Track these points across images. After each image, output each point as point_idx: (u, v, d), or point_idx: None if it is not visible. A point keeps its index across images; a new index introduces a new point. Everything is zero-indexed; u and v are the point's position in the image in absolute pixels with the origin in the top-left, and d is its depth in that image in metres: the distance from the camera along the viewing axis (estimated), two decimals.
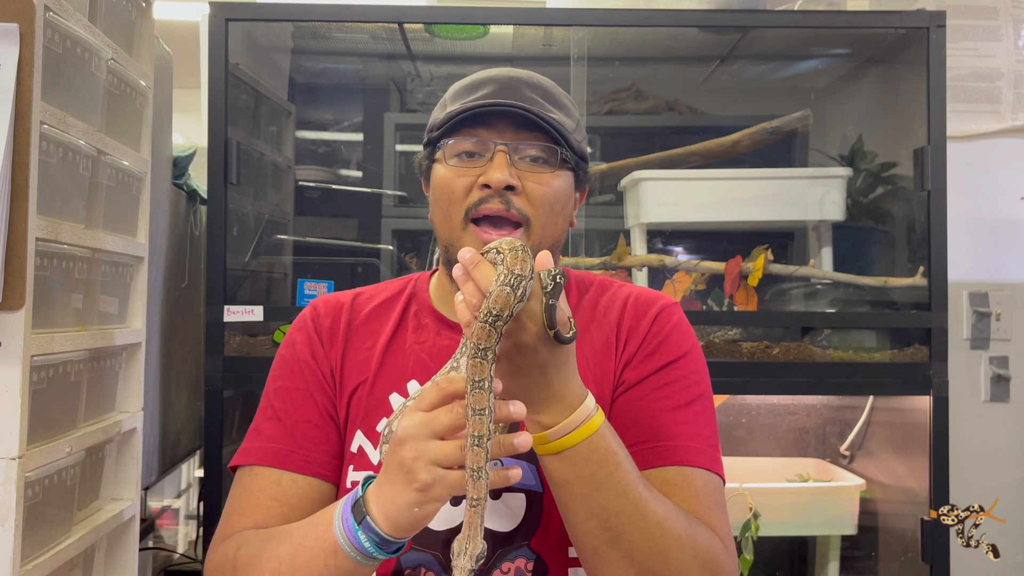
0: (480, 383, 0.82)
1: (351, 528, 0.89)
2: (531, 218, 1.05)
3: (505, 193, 1.04)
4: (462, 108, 1.05)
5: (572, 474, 0.91)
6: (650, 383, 1.06)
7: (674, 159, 2.23)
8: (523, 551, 1.04)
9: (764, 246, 2.08)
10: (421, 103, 2.53)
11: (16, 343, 1.19)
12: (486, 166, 1.05)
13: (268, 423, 1.11)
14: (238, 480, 1.11)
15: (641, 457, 1.00)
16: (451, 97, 1.12)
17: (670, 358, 1.08)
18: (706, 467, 1.03)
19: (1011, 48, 2.30)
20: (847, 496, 2.10)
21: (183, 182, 2.12)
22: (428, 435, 0.85)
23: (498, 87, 1.08)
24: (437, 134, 1.09)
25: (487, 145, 1.05)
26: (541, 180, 1.06)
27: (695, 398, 1.07)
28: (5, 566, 1.17)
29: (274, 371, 1.16)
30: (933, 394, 1.93)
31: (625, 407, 1.06)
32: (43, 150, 1.25)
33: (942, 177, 1.96)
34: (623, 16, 2.07)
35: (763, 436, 2.38)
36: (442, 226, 1.09)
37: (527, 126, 1.06)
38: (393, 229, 2.34)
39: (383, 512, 0.87)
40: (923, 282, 1.97)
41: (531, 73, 1.12)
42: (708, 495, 1.01)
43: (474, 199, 1.05)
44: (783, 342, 2.00)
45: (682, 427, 1.04)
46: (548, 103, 1.08)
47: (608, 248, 2.18)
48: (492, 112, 1.05)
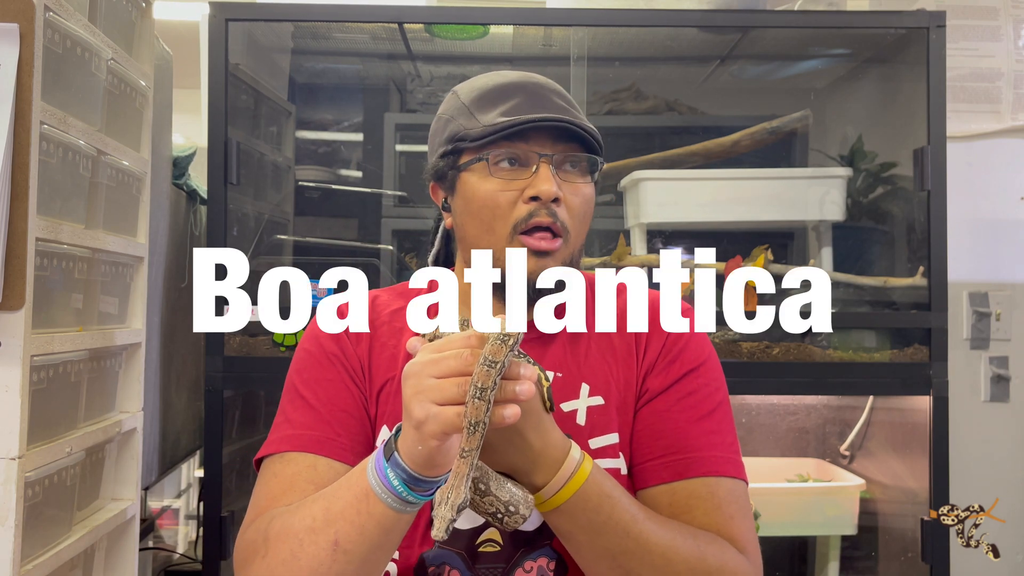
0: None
1: (381, 467, 0.89)
2: (570, 229, 1.06)
3: (550, 205, 1.05)
4: (511, 123, 1.04)
5: (573, 525, 0.95)
6: (674, 393, 1.08)
7: (674, 159, 2.23)
8: (545, 551, 1.05)
9: (764, 246, 2.07)
10: (421, 103, 2.53)
11: (16, 343, 1.19)
12: (531, 178, 1.05)
13: (299, 412, 1.08)
14: (266, 468, 1.07)
15: (669, 469, 1.03)
16: (474, 104, 1.09)
17: (692, 365, 1.09)
18: (731, 475, 1.05)
19: (1011, 48, 2.30)
20: (847, 496, 2.10)
21: (183, 182, 2.12)
22: (431, 374, 0.86)
23: (528, 97, 1.08)
24: (474, 145, 1.07)
25: (530, 156, 1.05)
26: (577, 191, 1.07)
27: (717, 405, 1.09)
28: (5, 566, 1.17)
29: (298, 365, 1.13)
30: (933, 394, 1.93)
31: (651, 418, 1.07)
32: (43, 150, 1.25)
33: (942, 177, 1.96)
34: (623, 16, 2.07)
35: (763, 436, 2.39)
36: (481, 238, 1.08)
37: (563, 136, 1.06)
38: (393, 229, 2.34)
39: (403, 447, 0.88)
40: (923, 282, 1.97)
41: (547, 79, 1.13)
42: (731, 503, 1.03)
43: (522, 213, 1.04)
44: (783, 342, 2.00)
45: (707, 437, 1.06)
46: (574, 109, 1.10)
47: (608, 248, 2.18)
48: (532, 126, 1.05)
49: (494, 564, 1.04)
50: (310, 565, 0.92)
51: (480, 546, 1.04)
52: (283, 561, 0.93)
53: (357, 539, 0.90)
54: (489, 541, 1.05)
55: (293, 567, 0.93)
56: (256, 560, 0.96)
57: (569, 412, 1.07)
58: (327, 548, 0.91)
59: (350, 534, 0.90)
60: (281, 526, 0.96)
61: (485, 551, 1.04)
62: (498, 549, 1.04)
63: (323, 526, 0.92)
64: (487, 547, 1.04)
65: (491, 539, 1.05)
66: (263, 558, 0.95)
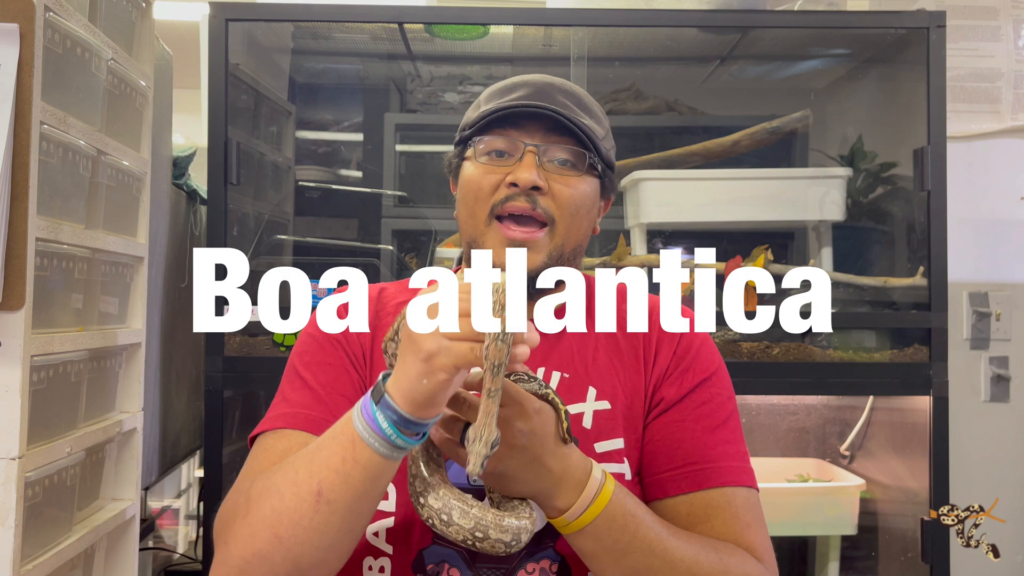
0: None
1: (369, 411, 0.88)
2: (556, 219, 1.07)
3: (532, 193, 1.05)
4: (496, 108, 1.07)
5: (598, 546, 0.94)
6: (689, 403, 1.08)
7: (674, 159, 2.23)
8: (548, 552, 1.05)
9: (764, 246, 2.08)
10: (421, 103, 2.53)
11: (16, 343, 1.19)
12: (515, 166, 1.06)
13: (298, 393, 1.08)
14: (259, 443, 1.06)
15: (686, 480, 1.04)
16: (485, 98, 1.13)
17: (704, 375, 1.10)
18: (746, 484, 1.05)
19: (1011, 48, 2.30)
20: (847, 496, 2.10)
21: (183, 182, 2.12)
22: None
23: (532, 90, 1.09)
24: (469, 133, 1.10)
25: (517, 145, 1.07)
26: (568, 183, 1.07)
27: (730, 414, 1.09)
28: (5, 566, 1.17)
29: (300, 348, 1.13)
30: (933, 394, 1.93)
31: (667, 428, 1.07)
32: (43, 150, 1.25)
33: (942, 177, 1.96)
34: (623, 16, 2.07)
35: (763, 436, 2.39)
36: (467, 222, 1.10)
37: (558, 130, 1.07)
38: (393, 229, 2.34)
39: (397, 387, 0.87)
40: (923, 282, 1.98)
41: (565, 80, 1.14)
42: (748, 512, 1.04)
43: (500, 196, 1.06)
44: (783, 342, 2.00)
45: (723, 447, 1.06)
46: (580, 109, 1.10)
47: (608, 248, 2.18)
48: (524, 114, 1.07)
49: (496, 565, 1.04)
50: (291, 518, 0.90)
51: None
52: (264, 518, 0.91)
53: (341, 488, 0.88)
54: None
55: (273, 522, 0.90)
56: (237, 521, 0.94)
57: (575, 415, 1.07)
58: (309, 500, 0.89)
59: (334, 483, 0.88)
60: (263, 485, 0.94)
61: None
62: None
63: (306, 478, 0.90)
64: None
65: None
66: (244, 518, 0.93)
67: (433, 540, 1.04)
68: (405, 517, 1.04)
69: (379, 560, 1.05)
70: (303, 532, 0.89)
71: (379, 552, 1.05)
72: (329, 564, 0.93)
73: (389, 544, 1.05)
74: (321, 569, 0.92)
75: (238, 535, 0.93)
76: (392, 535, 1.05)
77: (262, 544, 0.91)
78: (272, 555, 0.90)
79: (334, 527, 0.89)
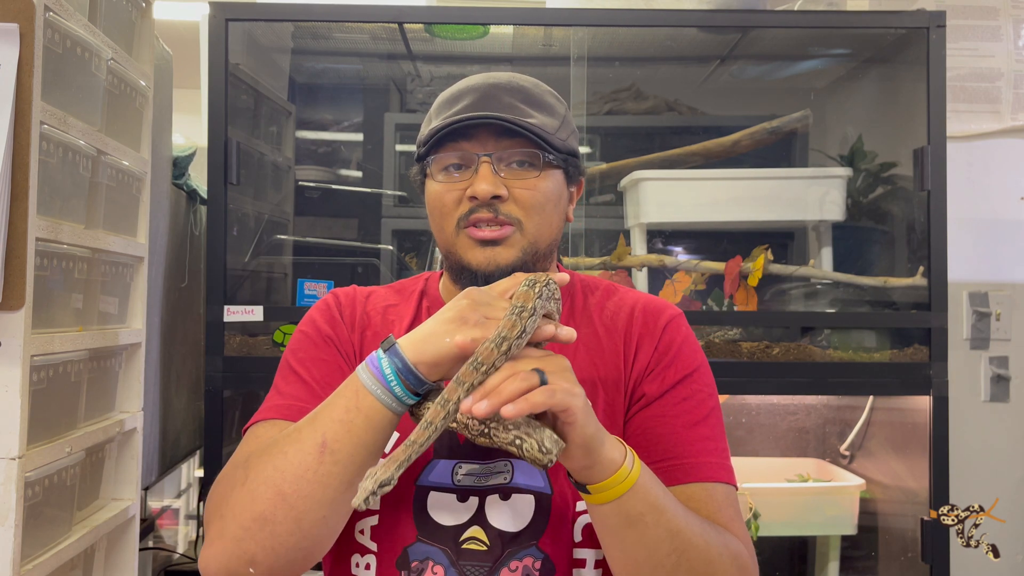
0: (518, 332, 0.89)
1: (375, 359, 0.92)
2: (523, 221, 1.07)
3: (493, 202, 1.06)
4: (441, 124, 1.07)
5: (645, 504, 0.93)
6: (670, 399, 1.08)
7: (674, 159, 2.23)
8: (531, 551, 1.05)
9: (764, 246, 2.08)
10: (421, 103, 2.53)
11: (16, 343, 1.19)
12: (472, 178, 1.07)
13: (292, 386, 1.09)
14: (251, 432, 1.07)
15: (666, 474, 1.03)
16: (435, 111, 1.13)
17: (686, 372, 1.10)
18: (724, 480, 1.06)
19: (1011, 48, 2.30)
20: (847, 496, 2.10)
21: (183, 182, 2.12)
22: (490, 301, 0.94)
23: (476, 97, 1.09)
24: (423, 151, 1.11)
25: (471, 157, 1.07)
26: (528, 185, 1.07)
27: (710, 411, 1.10)
28: (5, 566, 1.17)
29: (294, 345, 1.14)
30: (933, 394, 1.93)
31: (647, 423, 1.08)
32: (43, 150, 1.25)
33: (942, 177, 1.96)
34: (623, 16, 2.07)
35: (763, 436, 2.39)
36: (439, 236, 1.12)
37: (508, 133, 1.07)
38: (393, 229, 2.34)
39: (411, 340, 0.92)
40: (923, 282, 1.98)
41: (512, 76, 1.13)
42: (729, 507, 1.05)
43: (464, 210, 1.07)
44: (783, 342, 2.00)
45: (702, 443, 1.06)
46: (528, 106, 1.09)
47: (608, 248, 2.18)
48: (472, 124, 1.06)
49: (480, 562, 1.04)
50: (296, 472, 0.91)
51: (464, 543, 1.04)
52: (266, 478, 0.92)
53: (344, 437, 0.91)
54: (473, 539, 1.05)
55: (277, 480, 0.92)
56: (235, 490, 0.94)
57: None
58: (314, 452, 0.91)
59: (338, 432, 0.91)
60: (263, 450, 0.96)
61: (469, 548, 1.04)
62: (484, 548, 1.04)
63: (310, 434, 0.93)
64: (471, 544, 1.04)
65: (475, 537, 1.05)
66: (243, 484, 0.94)
67: (417, 538, 1.05)
68: (389, 514, 1.05)
69: (365, 557, 1.06)
70: (307, 486, 0.91)
71: (364, 549, 1.06)
72: (329, 524, 0.94)
73: (373, 542, 1.06)
74: (321, 530, 0.93)
75: (236, 503, 0.94)
76: (376, 533, 1.06)
77: (263, 505, 0.92)
78: (274, 515, 0.91)
79: (337, 478, 0.91)
